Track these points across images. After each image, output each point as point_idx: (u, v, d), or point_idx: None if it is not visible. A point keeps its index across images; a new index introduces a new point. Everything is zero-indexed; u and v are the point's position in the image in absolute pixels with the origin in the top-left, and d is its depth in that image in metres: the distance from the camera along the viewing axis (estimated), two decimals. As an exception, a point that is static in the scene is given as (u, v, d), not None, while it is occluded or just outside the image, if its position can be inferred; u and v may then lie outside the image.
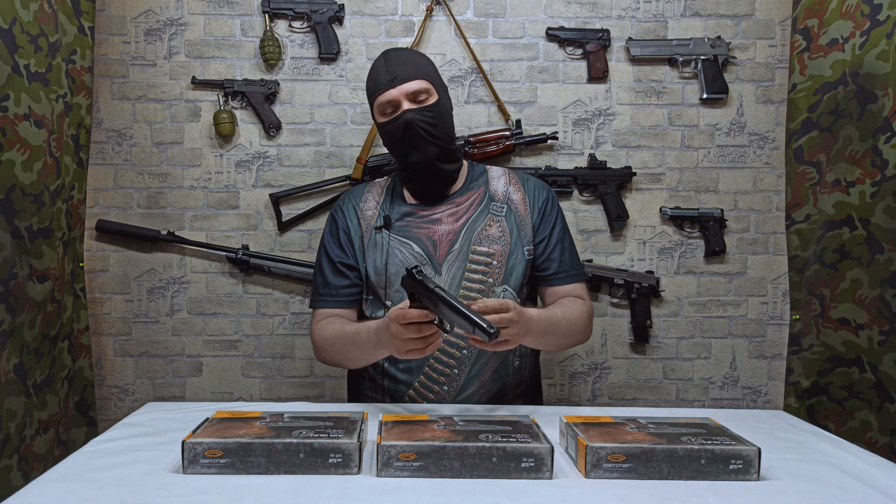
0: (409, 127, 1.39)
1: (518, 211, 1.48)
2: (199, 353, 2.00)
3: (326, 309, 1.46)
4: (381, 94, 1.41)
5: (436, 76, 1.46)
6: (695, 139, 2.00)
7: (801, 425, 1.29)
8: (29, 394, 1.52)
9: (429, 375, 1.41)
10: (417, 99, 1.41)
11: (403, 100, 1.40)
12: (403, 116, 1.40)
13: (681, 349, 2.03)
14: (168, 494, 0.89)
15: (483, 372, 1.42)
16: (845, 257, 1.58)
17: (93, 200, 1.94)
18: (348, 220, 1.50)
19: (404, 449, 0.96)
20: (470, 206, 1.48)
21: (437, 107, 1.42)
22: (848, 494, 0.94)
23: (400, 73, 1.40)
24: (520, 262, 1.45)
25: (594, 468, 0.97)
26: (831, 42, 1.63)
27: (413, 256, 1.43)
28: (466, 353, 1.41)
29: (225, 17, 1.95)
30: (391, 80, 1.40)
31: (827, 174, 1.65)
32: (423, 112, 1.40)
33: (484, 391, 1.42)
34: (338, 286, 1.46)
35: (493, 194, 1.50)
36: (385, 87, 1.41)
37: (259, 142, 1.97)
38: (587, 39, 1.95)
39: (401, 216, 1.47)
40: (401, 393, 1.43)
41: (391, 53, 1.45)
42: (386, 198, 1.51)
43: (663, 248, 2.01)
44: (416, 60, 1.45)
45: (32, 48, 1.48)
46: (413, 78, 1.40)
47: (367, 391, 1.50)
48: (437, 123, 1.42)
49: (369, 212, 1.50)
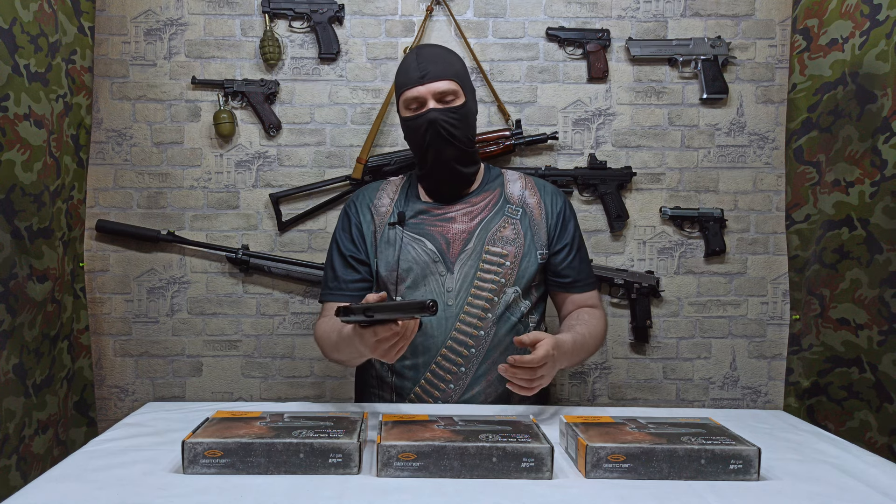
0: (431, 126, 1.40)
1: (533, 215, 1.49)
2: (199, 353, 2.00)
3: (334, 303, 1.46)
4: (410, 90, 1.42)
5: (465, 77, 1.47)
6: (695, 139, 2.00)
7: (801, 425, 1.29)
8: (28, 394, 1.52)
9: (435, 373, 1.41)
10: (444, 99, 1.41)
11: (430, 98, 1.41)
12: (428, 115, 1.40)
13: (681, 349, 2.03)
14: (168, 494, 0.89)
15: (490, 371, 1.42)
16: (845, 257, 1.58)
17: (93, 200, 1.94)
18: (361, 215, 1.51)
19: (404, 449, 0.96)
20: (485, 207, 1.49)
21: (462, 109, 1.43)
22: (848, 494, 0.94)
23: (431, 71, 1.40)
24: (532, 264, 1.45)
25: (594, 468, 0.97)
26: (831, 42, 1.63)
27: (426, 253, 1.43)
28: (474, 352, 1.41)
29: (225, 17, 1.95)
30: (421, 76, 1.40)
31: (826, 174, 1.65)
32: (447, 113, 1.41)
33: (491, 391, 1.42)
34: (347, 280, 1.47)
35: (509, 197, 1.50)
36: (414, 83, 1.41)
37: (259, 142, 1.97)
38: (587, 39, 1.95)
39: (415, 213, 1.48)
40: (407, 390, 1.43)
41: (424, 49, 1.46)
42: (401, 195, 1.52)
43: (663, 248, 2.01)
44: (448, 59, 1.45)
45: (32, 48, 1.48)
46: (443, 77, 1.41)
47: (373, 388, 1.50)
48: (459, 126, 1.42)
49: (383, 208, 1.50)
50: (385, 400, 1.47)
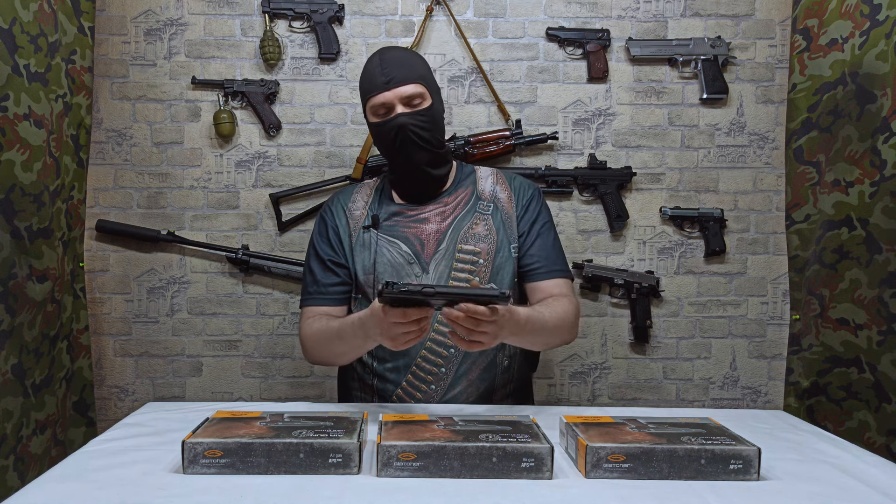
0: (401, 131, 1.40)
1: (504, 209, 1.48)
2: (199, 353, 2.00)
3: (315, 307, 1.46)
4: (376, 96, 1.41)
5: (430, 79, 1.46)
6: (695, 139, 2.00)
7: (801, 425, 1.29)
8: (27, 394, 1.52)
9: (416, 375, 1.41)
10: (412, 103, 1.41)
11: (397, 103, 1.40)
12: (396, 120, 1.40)
13: (681, 349, 2.03)
14: (168, 494, 0.89)
15: (471, 371, 1.42)
16: (844, 257, 1.58)
17: (93, 200, 1.94)
18: (337, 219, 1.51)
19: (404, 449, 0.96)
20: (457, 206, 1.48)
21: (430, 111, 1.42)
22: (848, 494, 0.94)
23: (395, 76, 1.39)
24: (507, 260, 1.45)
25: (594, 468, 0.97)
26: (831, 42, 1.63)
27: (401, 255, 1.43)
28: (454, 353, 1.41)
29: (225, 17, 1.95)
30: (386, 82, 1.39)
31: (826, 174, 1.65)
32: (415, 116, 1.40)
33: (472, 390, 1.42)
34: (327, 284, 1.46)
35: (481, 194, 1.50)
36: (380, 89, 1.40)
37: (259, 142, 1.97)
38: (587, 39, 1.95)
39: (389, 216, 1.47)
40: (389, 392, 1.43)
41: (387, 54, 1.44)
42: (374, 197, 1.52)
43: (663, 248, 2.01)
44: (412, 63, 1.44)
45: (32, 48, 1.48)
46: (408, 81, 1.40)
47: (355, 391, 1.50)
48: (429, 128, 1.42)
49: (357, 212, 1.50)
50: (366, 402, 1.47)
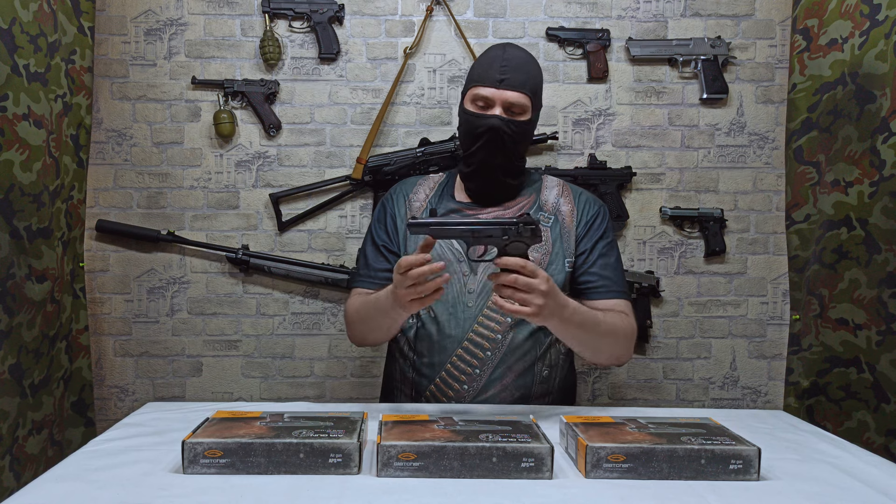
0: (490, 131, 1.39)
1: (564, 223, 1.47)
2: (199, 353, 2.00)
3: (362, 289, 1.48)
4: (482, 88, 1.41)
5: (539, 93, 1.46)
6: (695, 139, 2.00)
7: (801, 425, 1.29)
8: (24, 394, 1.52)
9: (450, 372, 1.41)
10: (511, 109, 1.40)
11: (499, 104, 1.40)
12: (490, 120, 1.39)
13: (681, 349, 2.03)
14: (168, 494, 0.89)
15: (506, 375, 1.40)
16: (843, 257, 1.59)
17: (93, 200, 1.94)
18: (396, 207, 1.52)
19: (404, 449, 0.96)
20: (517, 212, 1.47)
21: (525, 125, 1.43)
22: (848, 494, 0.94)
23: (510, 78, 1.39)
24: (559, 272, 1.42)
25: (594, 468, 0.97)
26: (831, 42, 1.63)
27: (451, 252, 1.43)
28: (490, 355, 1.39)
29: (225, 17, 1.95)
30: (500, 80, 1.39)
31: (826, 174, 1.65)
32: (510, 125, 1.40)
33: (506, 395, 1.41)
34: (377, 269, 1.48)
35: (543, 204, 1.49)
36: (490, 84, 1.40)
37: (259, 142, 1.97)
38: (587, 39, 1.95)
39: (447, 212, 1.48)
40: (423, 387, 1.44)
41: (510, 51, 1.42)
42: (437, 192, 1.53)
43: (663, 248, 2.01)
44: (530, 71, 1.43)
45: (32, 48, 1.48)
46: (519, 89, 1.40)
47: (397, 383, 1.51)
48: (518, 140, 1.42)
49: (417, 203, 1.51)
50: (405, 394, 1.48)
